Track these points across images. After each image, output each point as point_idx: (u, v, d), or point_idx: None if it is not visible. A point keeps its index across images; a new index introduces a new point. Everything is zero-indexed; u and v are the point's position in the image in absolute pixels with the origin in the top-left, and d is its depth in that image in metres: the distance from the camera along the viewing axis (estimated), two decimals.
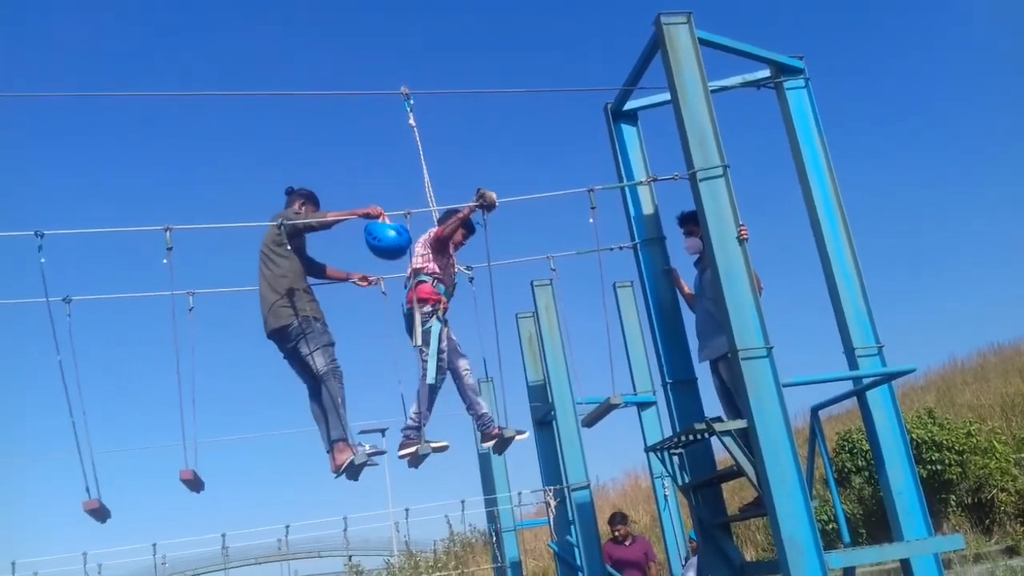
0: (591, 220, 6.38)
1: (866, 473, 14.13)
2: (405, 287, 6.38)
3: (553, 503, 10.50)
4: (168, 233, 5.45)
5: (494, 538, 13.03)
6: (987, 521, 13.67)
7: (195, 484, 5.77)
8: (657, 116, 7.53)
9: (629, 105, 7.55)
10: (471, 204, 6.06)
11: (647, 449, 7.50)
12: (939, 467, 13.58)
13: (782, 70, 6.94)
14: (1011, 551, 12.56)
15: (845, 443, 14.89)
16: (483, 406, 6.52)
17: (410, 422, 6.16)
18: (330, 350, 5.97)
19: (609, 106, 7.58)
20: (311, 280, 6.23)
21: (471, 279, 6.67)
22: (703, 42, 6.35)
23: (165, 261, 5.44)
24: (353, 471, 5.88)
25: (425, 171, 6.19)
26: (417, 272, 6.28)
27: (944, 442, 13.69)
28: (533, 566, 20.17)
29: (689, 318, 7.19)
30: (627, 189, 7.38)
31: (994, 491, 13.63)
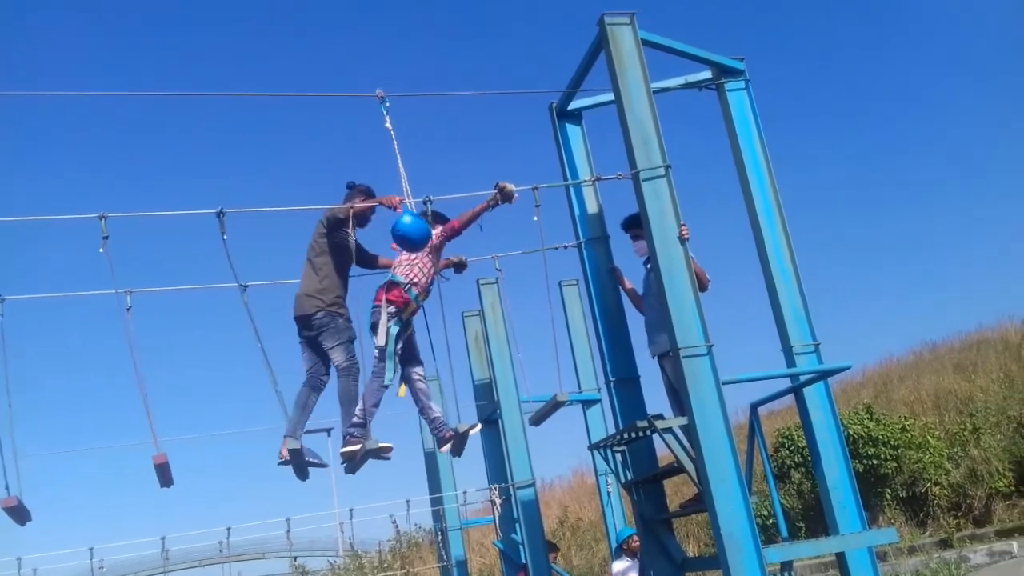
0: (536, 219, 6.43)
1: (804, 469, 14.41)
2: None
3: (499, 501, 10.52)
4: (103, 221, 5.33)
5: (440, 537, 13.00)
6: (921, 514, 14.04)
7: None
8: (602, 115, 7.59)
9: (574, 105, 7.59)
10: (490, 198, 6.13)
11: (590, 447, 7.55)
12: (875, 462, 13.91)
13: (723, 72, 7.04)
14: (944, 543, 12.92)
15: (785, 439, 15.17)
16: (436, 410, 6.53)
17: (355, 419, 6.12)
18: (350, 347, 6.12)
19: (554, 106, 7.61)
20: (362, 271, 6.53)
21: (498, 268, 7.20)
22: (646, 43, 6.41)
23: (102, 250, 5.31)
24: (360, 460, 6.01)
25: (402, 171, 6.19)
26: (394, 273, 6.32)
27: (880, 437, 14.02)
28: (479, 564, 20.20)
29: (633, 316, 7.26)
30: (571, 188, 7.42)
31: (928, 485, 14.00)
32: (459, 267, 6.96)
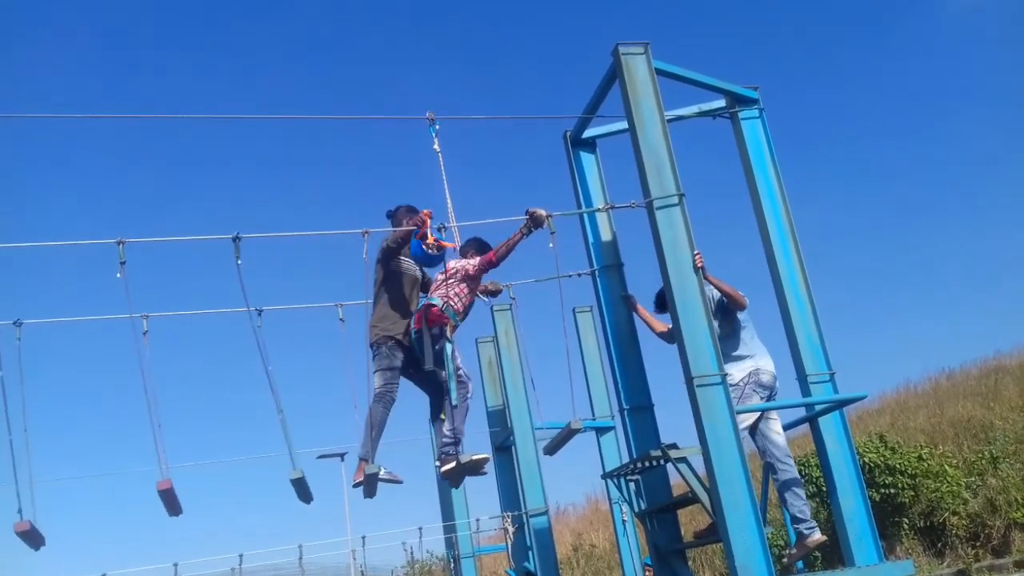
0: (551, 245, 6.43)
1: (820, 498, 14.26)
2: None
3: (511, 529, 10.47)
4: (121, 247, 5.39)
5: (452, 564, 12.92)
6: (939, 544, 13.83)
7: (32, 538, 5.49)
8: (617, 143, 7.62)
9: (588, 133, 7.63)
10: (523, 227, 6.16)
11: (603, 476, 7.51)
12: (892, 491, 13.73)
13: (737, 100, 7.06)
14: (962, 574, 12.73)
15: (802, 467, 15.01)
16: (457, 435, 6.49)
17: (445, 439, 6.28)
18: (387, 374, 6.21)
19: (568, 134, 7.66)
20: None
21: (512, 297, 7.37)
22: (660, 72, 6.44)
23: (119, 275, 5.37)
24: (368, 487, 6.07)
25: (448, 194, 6.29)
26: (429, 296, 6.42)
27: (897, 466, 13.86)
28: None
29: (646, 344, 7.24)
30: (586, 216, 7.45)
31: (946, 514, 13.81)
32: (494, 294, 7.01)
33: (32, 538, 5.41)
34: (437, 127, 6.24)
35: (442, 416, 6.42)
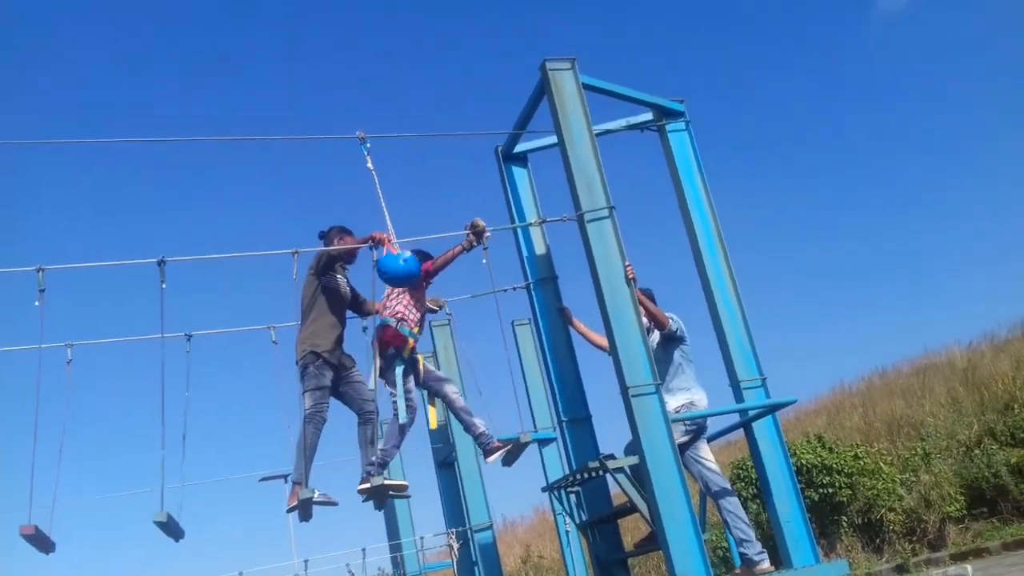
0: (484, 261, 6.44)
1: (760, 500, 14.48)
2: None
3: (456, 545, 10.43)
4: (41, 274, 5.23)
5: None
6: (877, 540, 14.15)
7: (40, 542, 5.35)
8: (550, 157, 7.67)
9: (519, 148, 7.68)
10: (465, 241, 6.19)
11: (544, 489, 7.53)
12: (830, 490, 14.01)
13: (664, 113, 7.18)
14: (901, 569, 13.04)
15: (740, 471, 15.25)
16: (479, 426, 6.52)
17: (374, 458, 6.18)
18: (316, 394, 6.12)
19: (500, 149, 7.69)
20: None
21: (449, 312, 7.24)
22: (588, 87, 6.52)
23: (37, 304, 5.22)
24: (303, 511, 6.00)
25: (386, 212, 6.22)
26: (382, 316, 6.38)
27: (834, 465, 14.15)
28: None
29: (584, 356, 7.30)
30: (519, 230, 7.48)
31: (883, 511, 14.13)
32: (435, 310, 7.04)
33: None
34: (368, 146, 6.21)
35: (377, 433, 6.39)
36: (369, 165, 6.21)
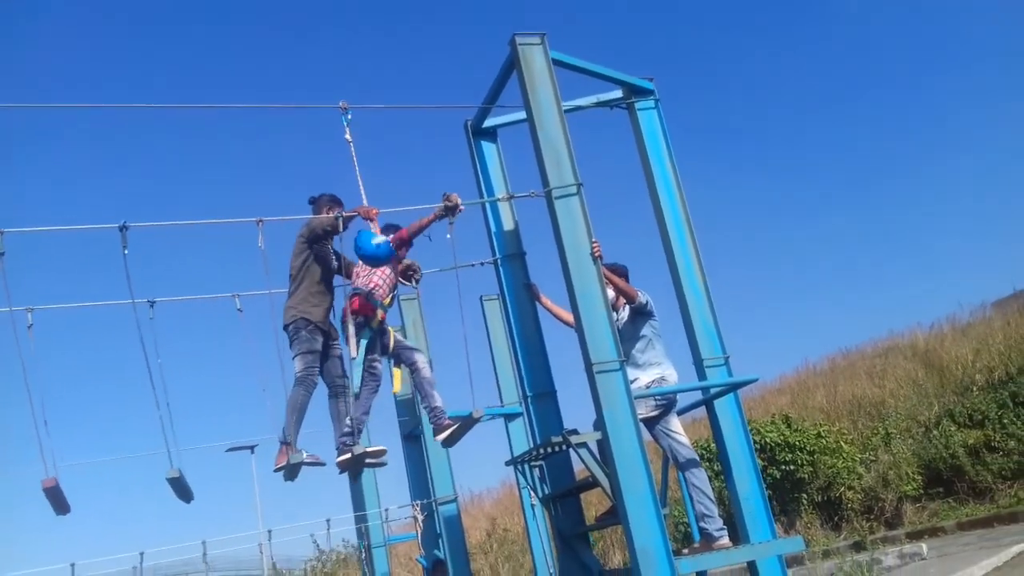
0: (448, 236, 6.45)
1: (723, 477, 14.69)
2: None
3: (420, 517, 10.49)
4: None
5: (363, 554, 12.88)
6: (836, 518, 14.43)
7: (57, 499, 5.36)
8: (519, 132, 7.66)
9: (488, 123, 7.65)
10: (438, 209, 6.20)
11: (508, 462, 7.58)
12: (792, 467, 14.25)
13: (633, 91, 7.18)
14: (858, 546, 13.29)
15: (704, 450, 15.44)
16: (437, 399, 6.58)
17: (346, 428, 6.28)
18: (308, 358, 6.24)
19: (469, 123, 7.66)
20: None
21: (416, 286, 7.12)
22: (557, 63, 6.50)
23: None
24: (290, 471, 6.07)
25: (361, 184, 6.25)
26: (354, 286, 6.49)
27: (796, 443, 14.38)
28: None
29: (550, 331, 7.32)
30: (487, 205, 7.47)
31: (842, 489, 14.40)
32: (410, 272, 6.99)
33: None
34: (349, 116, 6.22)
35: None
36: (347, 136, 6.23)
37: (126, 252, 5.45)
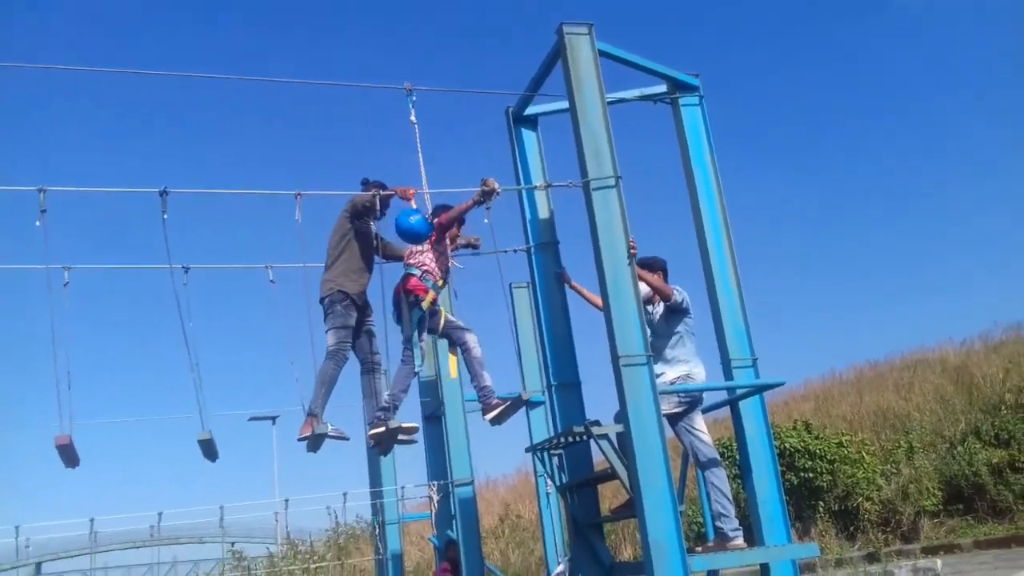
0: (486, 220, 6.50)
1: (742, 479, 14.65)
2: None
3: (436, 498, 10.56)
4: (42, 195, 5.23)
5: (376, 530, 13.00)
6: (852, 528, 14.36)
7: (69, 455, 5.50)
8: (560, 121, 7.64)
9: (530, 110, 7.63)
10: (476, 195, 6.31)
11: (528, 449, 7.62)
12: (811, 475, 14.20)
13: (678, 87, 7.14)
14: (872, 557, 13.22)
15: (725, 449, 15.40)
16: (486, 379, 6.65)
17: (384, 403, 6.38)
18: (341, 332, 6.35)
19: (510, 110, 7.66)
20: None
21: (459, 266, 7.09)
22: (603, 54, 6.48)
23: (38, 223, 5.23)
24: (314, 442, 6.19)
25: (422, 165, 6.39)
26: (407, 265, 6.59)
27: (817, 451, 14.31)
28: (417, 557, 20.21)
29: (579, 321, 7.32)
30: (524, 193, 7.48)
31: (860, 499, 14.33)
32: (474, 247, 7.17)
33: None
34: (414, 98, 6.31)
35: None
36: (412, 118, 6.36)
37: (165, 216, 5.53)
